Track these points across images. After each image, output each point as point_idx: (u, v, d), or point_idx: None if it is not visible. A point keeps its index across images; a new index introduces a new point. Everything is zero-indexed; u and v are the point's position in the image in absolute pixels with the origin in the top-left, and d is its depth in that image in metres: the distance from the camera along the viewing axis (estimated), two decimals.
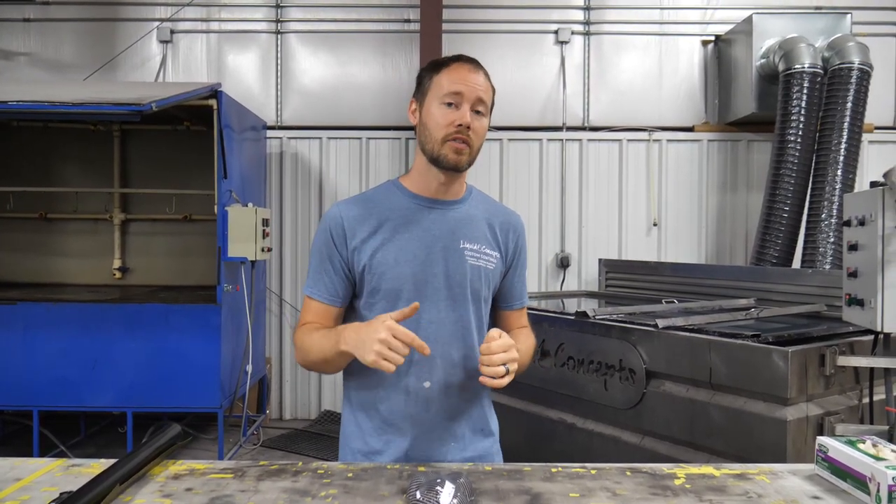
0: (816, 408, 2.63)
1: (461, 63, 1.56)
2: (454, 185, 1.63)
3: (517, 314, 1.76)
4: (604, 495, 1.30)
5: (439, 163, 1.55)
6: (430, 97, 1.55)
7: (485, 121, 1.57)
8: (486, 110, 1.57)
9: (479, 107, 1.54)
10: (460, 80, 1.53)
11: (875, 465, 1.23)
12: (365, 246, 1.57)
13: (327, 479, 1.37)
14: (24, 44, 6.03)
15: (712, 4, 6.04)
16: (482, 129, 1.56)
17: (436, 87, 1.55)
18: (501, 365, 1.41)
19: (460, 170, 1.57)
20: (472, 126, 1.52)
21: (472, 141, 1.54)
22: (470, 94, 1.52)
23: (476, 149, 1.57)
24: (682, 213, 6.02)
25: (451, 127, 1.51)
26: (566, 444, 3.44)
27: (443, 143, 1.52)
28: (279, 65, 6.06)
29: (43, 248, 5.90)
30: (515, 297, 1.74)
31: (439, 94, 1.53)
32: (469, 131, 1.52)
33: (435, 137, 1.53)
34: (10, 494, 1.27)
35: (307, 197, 6.01)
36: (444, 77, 1.54)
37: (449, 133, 1.52)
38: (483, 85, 1.55)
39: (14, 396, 4.50)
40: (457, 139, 1.52)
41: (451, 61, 1.57)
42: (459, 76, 1.53)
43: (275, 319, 5.97)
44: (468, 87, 1.52)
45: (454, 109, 1.52)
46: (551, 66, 6.05)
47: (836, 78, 4.99)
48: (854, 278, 2.66)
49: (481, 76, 1.56)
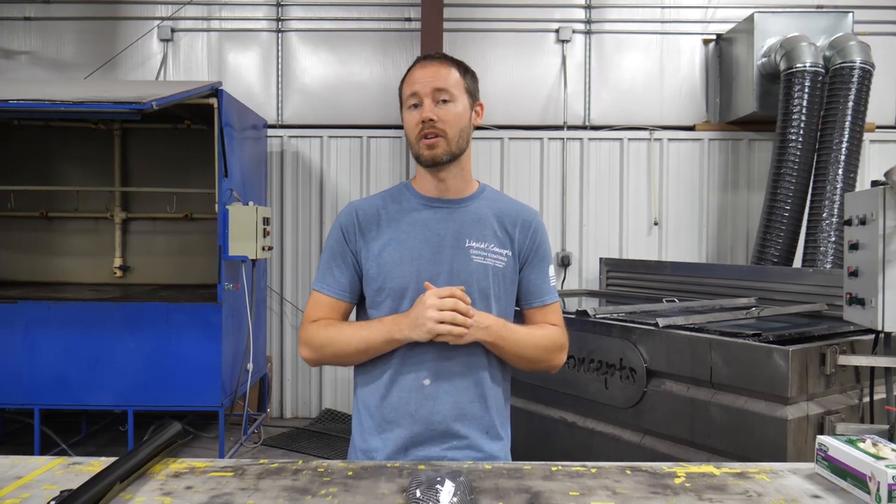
0: (817, 407, 2.63)
1: (416, 65, 1.62)
2: (454, 183, 1.64)
3: (541, 313, 1.70)
4: (604, 494, 1.30)
5: (421, 162, 1.61)
6: (403, 107, 1.63)
7: (455, 105, 1.58)
8: (451, 96, 1.58)
9: (441, 95, 1.57)
10: (413, 81, 1.59)
11: (875, 464, 1.23)
12: (373, 245, 1.60)
13: (327, 478, 1.37)
14: (24, 42, 6.03)
15: (713, 3, 6.03)
16: (451, 113, 1.57)
17: (403, 96, 1.63)
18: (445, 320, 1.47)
19: (440, 163, 1.59)
20: (437, 116, 1.55)
21: (443, 130, 1.56)
22: (424, 88, 1.56)
23: (453, 136, 1.58)
24: (683, 212, 6.02)
25: (418, 126, 1.56)
26: (566, 443, 3.44)
27: (417, 144, 1.58)
28: (280, 63, 6.06)
29: (44, 247, 5.90)
30: (534, 295, 1.69)
31: (405, 102, 1.61)
32: (436, 123, 1.55)
33: (411, 139, 1.60)
34: (11, 492, 1.27)
35: (308, 196, 6.01)
36: (405, 85, 1.62)
37: (418, 132, 1.57)
38: (436, 73, 1.58)
39: (15, 395, 4.51)
40: (427, 135, 1.56)
41: (413, 65, 1.63)
42: (413, 78, 1.59)
43: (275, 318, 5.97)
44: (421, 84, 1.57)
45: (417, 109, 1.58)
46: (552, 64, 6.05)
47: (838, 77, 4.98)
48: (855, 277, 2.66)
49: (434, 66, 1.59)
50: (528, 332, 1.64)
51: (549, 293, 1.71)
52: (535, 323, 1.70)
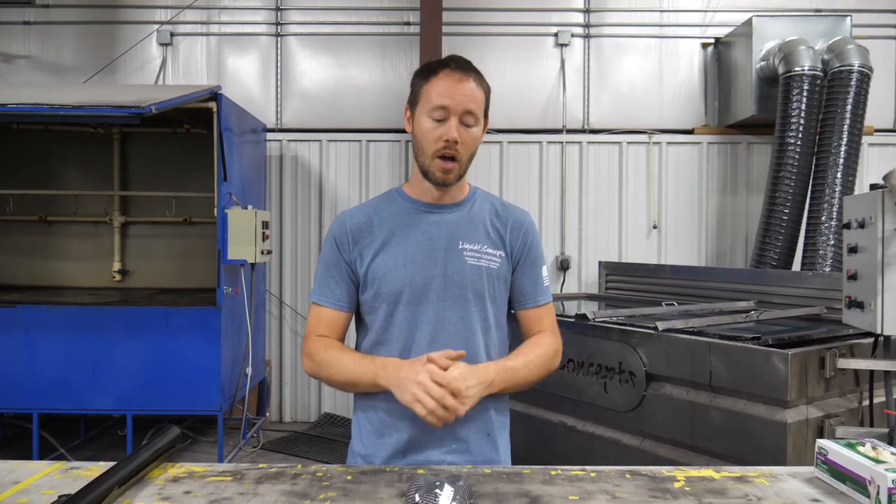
0: (816, 410, 2.63)
1: (449, 72, 1.54)
2: (452, 190, 1.64)
3: (534, 314, 1.69)
4: (603, 498, 1.30)
5: (428, 177, 1.58)
6: (420, 109, 1.56)
7: (475, 129, 1.56)
8: (476, 119, 1.55)
9: (467, 118, 1.54)
10: (446, 94, 1.52)
11: (875, 467, 1.23)
12: (367, 252, 1.60)
13: (326, 482, 1.37)
14: (24, 46, 6.03)
15: (712, 7, 6.04)
16: (472, 139, 1.56)
17: (424, 98, 1.55)
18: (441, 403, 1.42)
19: (448, 185, 1.59)
20: (460, 138, 1.52)
21: (460, 155, 1.54)
22: (457, 107, 1.52)
23: (466, 161, 1.57)
24: (682, 216, 6.02)
25: (440, 142, 1.52)
26: (566, 447, 3.44)
27: (432, 159, 1.54)
28: (279, 67, 6.06)
29: (43, 251, 5.90)
30: (527, 296, 1.68)
31: (427, 107, 1.54)
32: (457, 145, 1.52)
33: (425, 152, 1.55)
34: (9, 497, 1.27)
35: (307, 200, 6.01)
36: (432, 88, 1.54)
37: (437, 148, 1.53)
38: (470, 94, 1.53)
39: (14, 399, 4.50)
40: (445, 156, 1.53)
41: (440, 68, 1.55)
42: (446, 88, 1.52)
43: (275, 322, 5.97)
44: (455, 101, 1.51)
45: (442, 125, 1.52)
46: (551, 68, 6.06)
47: (836, 80, 4.99)
48: (854, 281, 2.66)
49: (469, 84, 1.54)
50: (525, 363, 1.61)
51: (542, 294, 1.70)
52: (529, 324, 1.70)
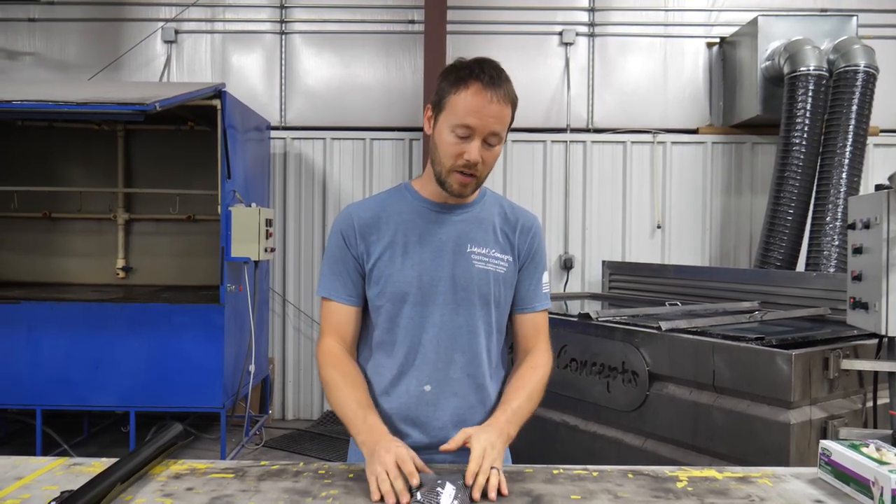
0: (820, 411, 2.62)
1: (480, 88, 1.45)
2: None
3: (529, 318, 1.68)
4: (605, 498, 1.29)
5: (444, 187, 1.54)
6: (444, 118, 1.49)
7: (497, 148, 1.52)
8: (499, 139, 1.50)
9: (492, 140, 1.49)
10: (474, 113, 1.44)
11: (878, 469, 1.22)
12: (374, 248, 1.58)
13: (328, 480, 1.37)
14: (28, 43, 6.05)
15: (717, 6, 6.02)
16: (492, 157, 1.52)
17: (450, 109, 1.48)
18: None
19: (464, 197, 1.58)
20: (482, 158, 1.49)
21: (479, 172, 1.51)
22: (483, 129, 1.45)
23: (485, 176, 1.55)
24: (686, 216, 6.01)
25: (460, 159, 1.48)
26: (568, 446, 3.43)
27: (449, 173, 1.51)
28: (283, 65, 6.06)
29: (47, 248, 5.91)
30: (525, 300, 1.67)
31: (452, 119, 1.47)
32: (478, 165, 1.49)
33: (443, 163, 1.51)
34: (11, 493, 1.27)
35: (311, 197, 6.01)
36: (460, 101, 1.46)
37: (456, 165, 1.49)
38: (498, 115, 1.46)
39: (17, 395, 4.51)
40: (463, 172, 1.50)
41: (471, 80, 1.46)
42: (475, 107, 1.44)
43: (278, 320, 5.97)
44: (482, 123, 1.45)
45: (465, 142, 1.47)
46: (555, 67, 6.05)
47: (842, 80, 4.97)
48: (858, 282, 2.65)
49: (499, 104, 1.46)
50: (528, 397, 1.60)
51: (540, 300, 1.69)
52: (523, 329, 1.69)
